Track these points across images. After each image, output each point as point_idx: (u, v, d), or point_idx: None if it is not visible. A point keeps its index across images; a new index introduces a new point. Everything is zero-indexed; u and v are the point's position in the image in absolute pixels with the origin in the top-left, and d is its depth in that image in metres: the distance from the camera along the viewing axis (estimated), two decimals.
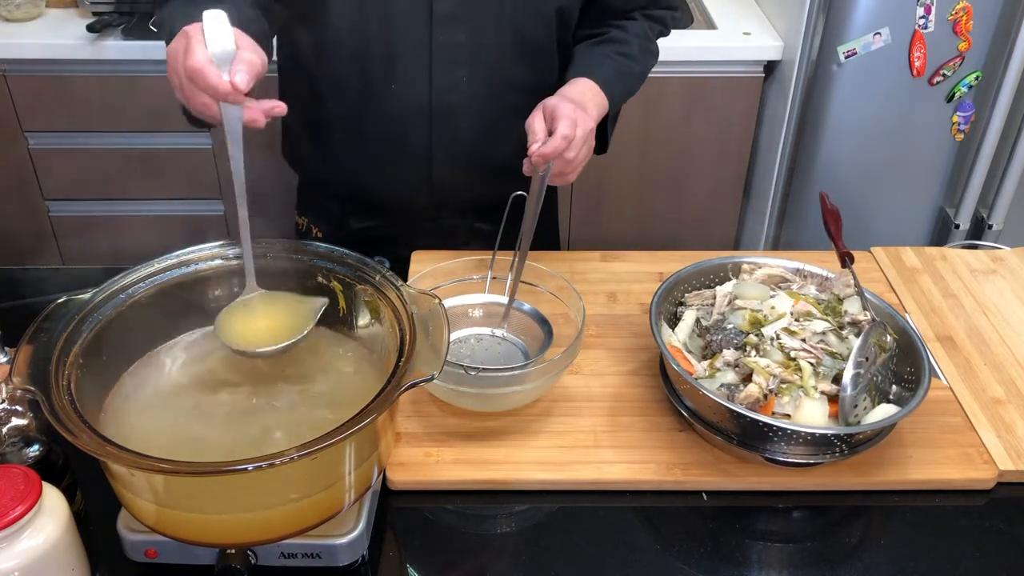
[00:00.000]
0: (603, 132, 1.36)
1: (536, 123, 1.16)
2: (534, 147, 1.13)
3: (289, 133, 1.46)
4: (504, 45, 1.27)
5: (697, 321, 1.15)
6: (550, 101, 1.17)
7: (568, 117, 1.14)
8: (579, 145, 1.16)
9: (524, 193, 1.17)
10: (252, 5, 1.14)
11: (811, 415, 1.00)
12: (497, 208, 1.18)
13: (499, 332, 1.18)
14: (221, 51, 0.91)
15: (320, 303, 1.00)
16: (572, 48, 1.36)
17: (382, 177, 1.37)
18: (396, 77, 1.27)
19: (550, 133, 1.14)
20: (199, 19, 0.94)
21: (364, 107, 1.30)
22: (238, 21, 0.98)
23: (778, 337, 1.06)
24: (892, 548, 0.99)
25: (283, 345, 0.96)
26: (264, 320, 1.00)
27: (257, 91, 1.00)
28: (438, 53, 1.25)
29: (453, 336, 1.16)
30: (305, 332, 0.97)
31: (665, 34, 1.44)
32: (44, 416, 0.80)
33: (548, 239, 1.62)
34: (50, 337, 0.88)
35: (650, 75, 2.42)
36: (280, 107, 0.97)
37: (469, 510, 1.02)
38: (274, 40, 1.32)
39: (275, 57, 1.37)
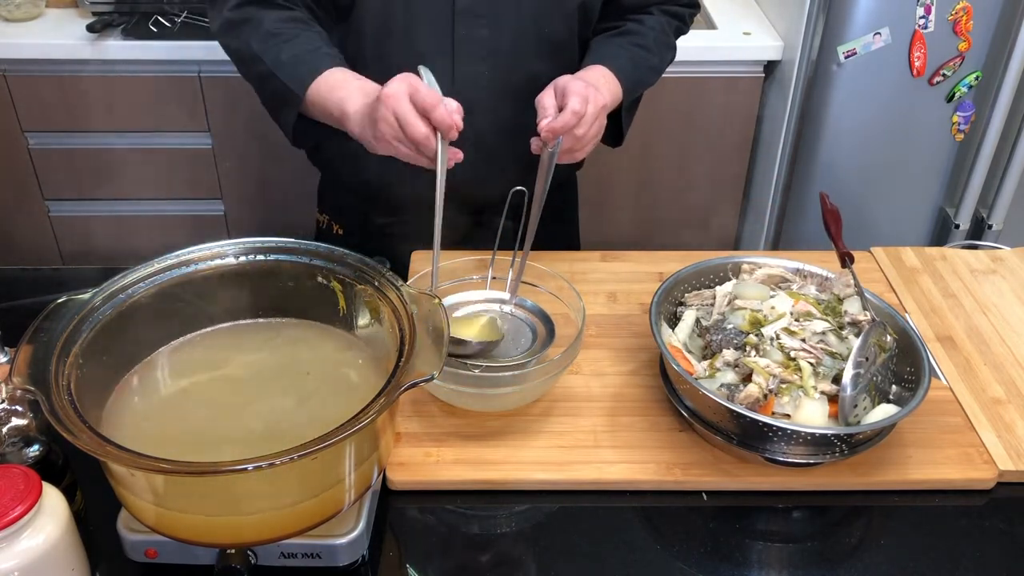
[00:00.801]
0: (618, 125, 1.36)
1: (546, 99, 1.16)
2: (544, 122, 1.13)
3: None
4: (526, 40, 1.28)
5: (697, 321, 1.15)
6: (562, 79, 1.18)
7: (579, 93, 1.14)
8: (589, 122, 1.15)
9: (523, 189, 1.16)
10: (315, 24, 1.25)
11: (811, 415, 1.00)
12: (516, 205, 1.19)
13: (507, 309, 1.18)
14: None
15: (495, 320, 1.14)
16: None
17: (404, 173, 1.37)
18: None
19: (561, 110, 1.14)
20: (312, 63, 1.17)
21: None
22: (339, 60, 1.20)
23: (778, 337, 1.06)
24: (892, 548, 0.99)
25: (491, 341, 1.09)
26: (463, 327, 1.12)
27: None
28: (460, 48, 1.25)
29: (460, 313, 1.16)
30: (502, 335, 1.12)
31: (684, 31, 1.44)
32: (44, 416, 0.80)
33: (569, 243, 1.62)
34: (50, 337, 0.88)
35: None
36: (460, 154, 1.12)
37: (469, 510, 1.02)
38: None
39: None
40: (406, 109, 1.06)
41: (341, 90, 1.15)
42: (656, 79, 1.39)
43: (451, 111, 1.07)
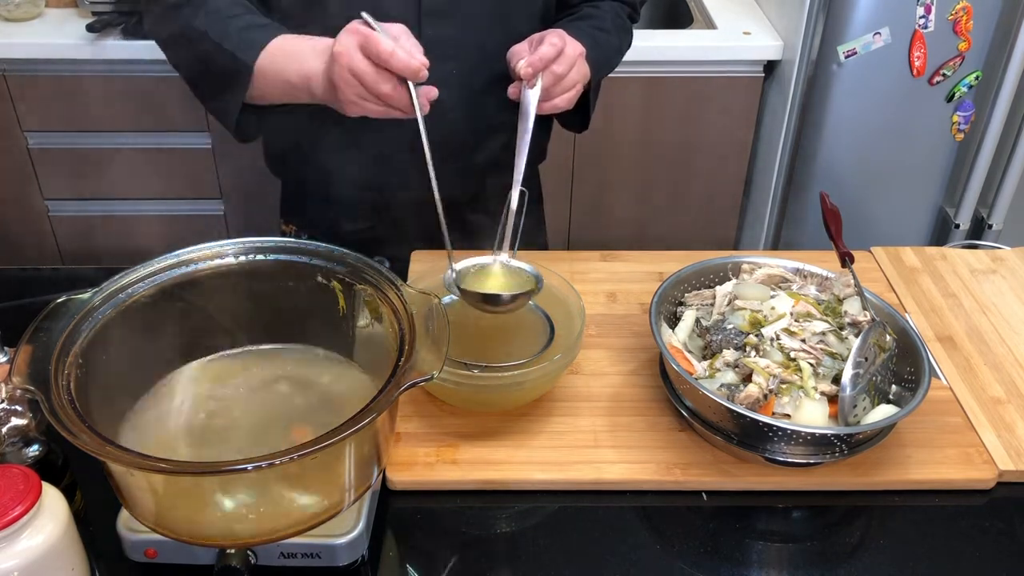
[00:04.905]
0: (585, 108, 1.35)
1: (521, 45, 1.15)
2: (522, 61, 1.11)
3: (271, 139, 1.43)
4: (493, 39, 1.27)
5: (697, 321, 1.15)
6: (537, 34, 1.16)
7: (555, 34, 1.13)
8: (569, 62, 1.14)
9: (525, 190, 1.16)
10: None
11: (811, 415, 1.00)
12: (491, 202, 1.17)
13: (502, 258, 1.15)
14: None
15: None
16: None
17: (373, 176, 1.35)
18: None
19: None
20: (261, 33, 1.12)
21: None
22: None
23: (778, 337, 1.06)
24: (892, 548, 0.99)
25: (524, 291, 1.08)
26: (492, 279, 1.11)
27: None
28: (428, 48, 1.24)
29: (458, 265, 1.14)
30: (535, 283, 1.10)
31: (635, 19, 1.44)
32: (44, 416, 0.80)
33: (536, 241, 1.60)
34: (50, 337, 0.88)
35: (650, 75, 2.43)
36: (434, 91, 1.05)
37: (469, 510, 1.02)
38: None
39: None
40: (361, 65, 1.01)
41: (298, 56, 1.11)
42: (619, 61, 1.39)
43: (410, 50, 1.02)
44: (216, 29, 1.14)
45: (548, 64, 1.12)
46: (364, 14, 1.05)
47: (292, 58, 1.11)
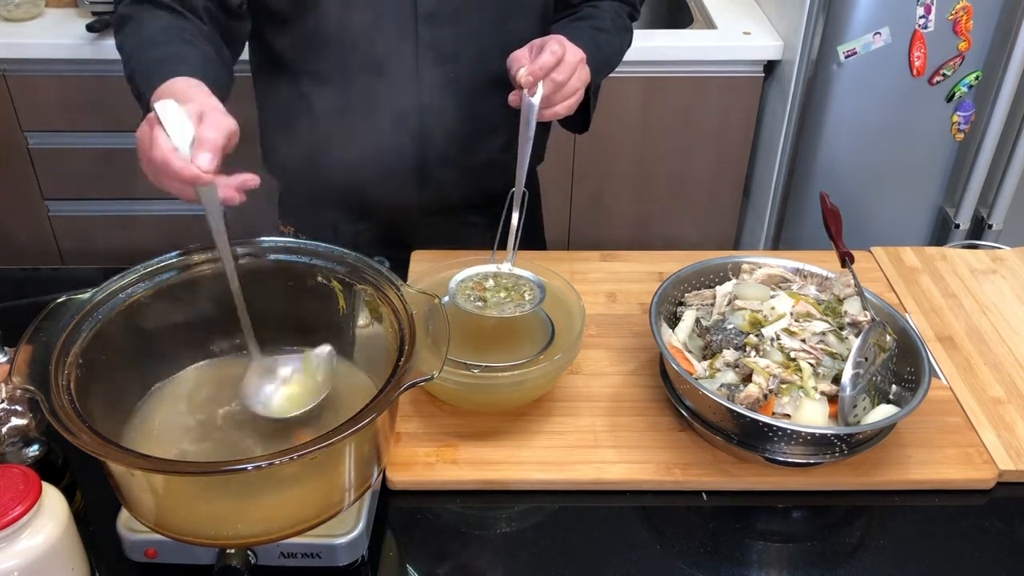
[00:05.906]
0: (585, 110, 1.35)
1: (521, 51, 1.15)
2: (522, 70, 1.11)
3: (269, 140, 1.43)
4: (490, 41, 1.26)
5: (697, 321, 1.15)
6: (537, 40, 1.16)
7: (556, 41, 1.13)
8: (569, 69, 1.14)
9: (525, 190, 1.16)
10: (206, 39, 1.15)
11: (811, 415, 1.00)
12: (490, 203, 1.17)
13: (505, 268, 1.16)
14: (182, 139, 0.89)
15: (327, 352, 0.99)
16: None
17: (372, 178, 1.35)
18: (383, 75, 1.26)
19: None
20: (163, 71, 1.03)
21: (351, 107, 1.28)
22: (196, 70, 1.04)
23: (778, 338, 1.06)
24: (892, 548, 0.99)
25: (309, 408, 0.96)
26: (284, 386, 0.99)
27: (233, 95, 1.06)
28: (424, 50, 1.24)
29: (461, 275, 1.14)
30: (324, 393, 0.97)
31: (635, 17, 1.44)
32: (44, 416, 0.80)
33: (533, 242, 1.61)
34: (50, 337, 0.88)
35: (650, 75, 2.43)
36: (253, 180, 0.94)
37: (469, 510, 1.02)
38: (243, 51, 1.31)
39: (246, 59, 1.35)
40: (155, 165, 0.90)
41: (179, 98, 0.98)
42: (619, 61, 1.38)
43: (196, 153, 0.89)
44: (132, 59, 1.14)
45: (549, 72, 1.12)
46: (158, 105, 0.92)
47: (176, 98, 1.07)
